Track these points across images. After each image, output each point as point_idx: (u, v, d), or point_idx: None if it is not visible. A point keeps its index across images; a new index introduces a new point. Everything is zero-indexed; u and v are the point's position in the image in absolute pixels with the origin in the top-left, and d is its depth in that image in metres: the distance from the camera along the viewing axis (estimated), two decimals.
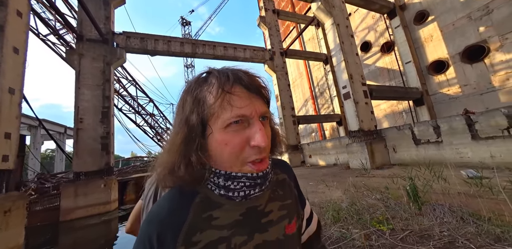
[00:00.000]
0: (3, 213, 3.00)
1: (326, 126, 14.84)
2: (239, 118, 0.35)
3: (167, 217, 0.35)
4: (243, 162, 0.36)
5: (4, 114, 3.41)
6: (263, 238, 0.38)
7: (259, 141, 0.34)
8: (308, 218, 0.51)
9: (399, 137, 5.99)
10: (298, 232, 0.44)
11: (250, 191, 0.38)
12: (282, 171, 0.48)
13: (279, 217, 0.41)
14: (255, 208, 0.39)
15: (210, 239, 0.35)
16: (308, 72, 16.16)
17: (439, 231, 1.84)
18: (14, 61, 3.76)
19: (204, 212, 0.36)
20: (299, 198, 0.50)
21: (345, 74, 6.67)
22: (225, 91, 0.35)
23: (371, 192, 3.23)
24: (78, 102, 7.75)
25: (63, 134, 21.94)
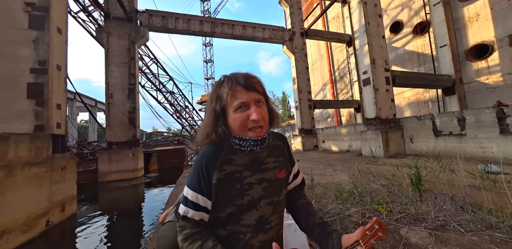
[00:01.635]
0: (60, 169, 3.72)
1: (343, 112, 14.45)
2: (241, 104, 0.59)
3: (210, 155, 0.62)
4: (247, 130, 0.61)
5: (55, 88, 3.96)
6: (261, 176, 0.64)
7: (254, 116, 0.59)
8: (295, 174, 0.77)
9: (418, 127, 5.80)
10: (286, 179, 0.70)
11: (253, 148, 0.63)
12: (279, 140, 0.74)
13: (273, 167, 0.66)
14: (258, 158, 0.65)
15: (231, 170, 0.61)
16: (329, 55, 15.21)
17: (434, 216, 1.93)
18: (58, 41, 4.16)
19: (229, 155, 0.63)
20: (290, 159, 0.75)
21: (367, 59, 6.29)
22: (231, 90, 0.60)
23: (377, 178, 3.33)
24: (108, 78, 8.39)
25: (94, 107, 24.02)
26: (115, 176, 7.48)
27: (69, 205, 3.86)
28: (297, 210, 0.74)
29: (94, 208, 5.09)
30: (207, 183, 0.59)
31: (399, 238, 1.65)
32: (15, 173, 2.79)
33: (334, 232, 0.61)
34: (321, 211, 2.25)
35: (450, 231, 1.69)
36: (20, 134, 2.98)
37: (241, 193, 0.60)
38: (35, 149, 3.17)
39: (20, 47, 3.75)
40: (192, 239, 0.57)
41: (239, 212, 0.60)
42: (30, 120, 3.63)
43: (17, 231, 2.74)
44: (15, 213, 2.74)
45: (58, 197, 3.56)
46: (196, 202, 0.59)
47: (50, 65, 3.86)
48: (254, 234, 0.60)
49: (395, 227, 1.83)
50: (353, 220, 1.98)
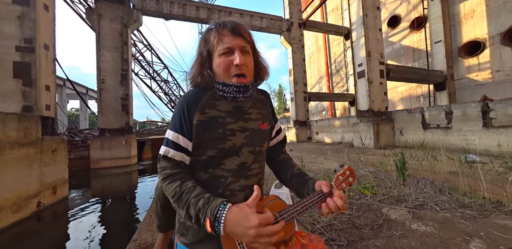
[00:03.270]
0: (51, 151, 3.67)
1: (338, 106, 14.63)
2: (227, 49, 0.60)
3: (192, 96, 0.63)
4: (230, 76, 0.62)
5: (43, 68, 3.80)
6: (244, 125, 0.65)
7: (237, 60, 0.59)
8: (277, 130, 0.79)
9: (408, 120, 6.00)
10: (268, 131, 0.72)
11: (236, 95, 0.64)
12: (262, 94, 0.75)
13: (256, 118, 0.68)
14: (241, 107, 0.66)
15: (214, 114, 0.62)
16: (327, 47, 15.12)
17: (414, 198, 2.08)
18: (45, 18, 3.93)
19: (212, 100, 0.63)
20: (273, 115, 0.77)
21: (363, 51, 6.33)
22: (218, 33, 0.61)
23: (365, 165, 3.48)
24: (100, 63, 8.09)
25: (85, 94, 23.27)
26: (108, 163, 7.43)
27: (61, 188, 3.85)
28: (278, 164, 0.78)
29: (86, 193, 5.08)
30: (188, 124, 0.60)
31: (380, 215, 1.78)
32: (4, 152, 2.75)
33: (310, 180, 0.66)
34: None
35: (427, 209, 1.84)
36: (8, 113, 2.90)
37: (223, 137, 0.60)
38: (24, 130, 3.10)
39: (4, 22, 3.54)
40: (172, 179, 0.57)
41: (221, 156, 0.60)
42: (17, 101, 3.51)
43: (8, 210, 2.74)
44: (5, 192, 2.72)
45: (49, 179, 3.54)
46: (177, 142, 0.59)
47: (37, 44, 3.69)
48: (236, 179, 0.61)
49: (378, 206, 1.97)
50: None
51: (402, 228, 1.49)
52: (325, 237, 1.42)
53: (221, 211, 0.48)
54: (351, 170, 0.61)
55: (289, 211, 0.55)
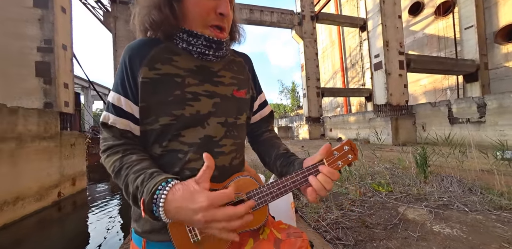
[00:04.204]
0: (70, 145, 3.90)
1: (353, 102, 13.97)
2: None
3: (136, 47, 0.47)
4: (206, 25, 0.47)
5: (61, 67, 4.04)
6: (213, 89, 0.50)
7: (224, 10, 0.45)
8: (261, 103, 0.64)
9: (431, 114, 5.49)
10: (247, 101, 0.58)
11: (205, 51, 0.49)
12: (240, 56, 0.61)
13: (229, 83, 0.53)
14: (209, 68, 0.51)
15: (169, 71, 0.47)
16: (341, 41, 14.44)
17: (437, 197, 1.85)
18: (63, 20, 4.18)
19: (166, 54, 0.48)
20: (255, 84, 0.63)
21: (380, 41, 5.88)
22: None
23: (381, 162, 3.22)
24: (117, 64, 8.50)
25: (107, 95, 24.85)
26: None
27: (80, 180, 4.07)
28: (261, 144, 0.63)
29: (106, 186, 5.37)
30: (131, 83, 0.46)
31: (396, 214, 1.58)
32: (26, 145, 2.94)
33: (297, 160, 0.52)
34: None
35: (453, 210, 1.61)
36: (29, 109, 3.09)
37: (181, 102, 0.47)
38: (44, 124, 3.30)
39: (27, 25, 3.80)
40: (112, 151, 0.45)
41: (178, 125, 0.47)
42: (39, 98, 3.76)
43: (31, 198, 2.94)
44: (28, 182, 2.92)
45: (68, 171, 3.76)
46: (118, 105, 0.46)
47: (56, 44, 3.91)
48: (198, 156, 0.46)
49: (393, 205, 1.77)
50: (350, 197, 1.94)
51: (421, 230, 1.31)
52: (330, 235, 1.29)
53: (161, 190, 0.36)
54: (352, 145, 0.46)
55: (261, 193, 0.42)
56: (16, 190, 2.72)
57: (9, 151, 2.67)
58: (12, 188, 2.67)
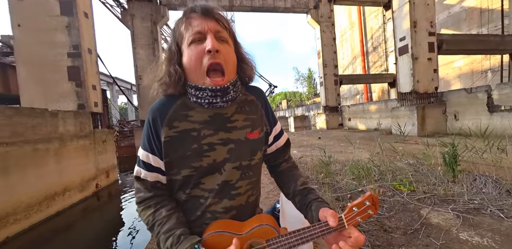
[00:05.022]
0: (102, 142, 4.30)
1: (375, 88, 13.06)
2: (197, 35, 0.48)
3: (157, 108, 0.54)
4: (204, 72, 0.49)
5: (89, 70, 4.35)
6: (227, 136, 0.54)
7: (209, 45, 0.47)
8: (276, 135, 0.65)
9: (466, 102, 4.91)
10: (260, 140, 0.59)
11: (213, 100, 0.52)
12: (252, 94, 0.62)
13: (242, 126, 0.56)
14: (222, 114, 0.55)
15: (186, 127, 0.52)
16: (362, 22, 13.20)
17: (467, 199, 1.69)
18: (87, 25, 4.41)
19: (182, 111, 0.53)
20: (268, 118, 0.63)
21: (407, 21, 5.25)
22: (186, 17, 0.51)
23: (404, 156, 3.02)
24: (136, 61, 8.86)
25: (130, 90, 26.26)
26: None
27: (112, 172, 4.53)
28: (279, 175, 0.67)
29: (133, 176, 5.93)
30: (156, 142, 0.52)
31: (418, 217, 1.51)
32: (67, 144, 3.32)
33: (314, 203, 0.53)
34: (332, 187, 2.16)
35: (485, 215, 1.48)
36: (66, 111, 3.43)
37: (199, 154, 0.52)
38: (79, 124, 3.66)
39: (57, 33, 4.08)
40: (145, 205, 0.52)
41: (198, 175, 0.52)
42: (73, 100, 4.13)
43: (75, 190, 3.38)
44: (72, 176, 3.34)
45: (102, 165, 4.19)
46: (147, 162, 0.53)
47: (82, 49, 4.18)
48: (217, 199, 0.53)
49: (415, 207, 1.67)
50: None
51: (446, 237, 1.23)
52: None
53: None
54: (374, 199, 0.46)
55: (279, 242, 0.45)
56: (63, 183, 3.13)
57: (54, 150, 3.04)
58: (60, 182, 3.08)
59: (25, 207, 2.49)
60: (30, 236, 2.44)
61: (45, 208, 2.75)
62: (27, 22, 3.98)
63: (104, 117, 4.57)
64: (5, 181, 2.31)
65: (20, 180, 2.48)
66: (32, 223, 2.56)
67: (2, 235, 2.20)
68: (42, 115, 2.93)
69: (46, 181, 2.84)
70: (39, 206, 2.67)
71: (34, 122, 2.78)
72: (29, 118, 2.71)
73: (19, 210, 2.41)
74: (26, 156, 2.59)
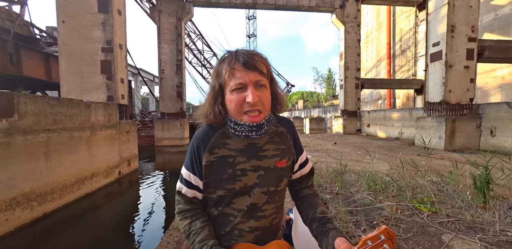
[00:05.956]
0: (126, 132, 4.63)
1: (399, 94, 12.34)
2: (239, 85, 0.55)
3: (201, 137, 0.62)
4: (242, 113, 0.58)
5: (119, 64, 4.67)
6: (258, 163, 0.61)
7: (250, 99, 0.54)
8: (302, 163, 0.72)
9: (507, 117, 4.46)
10: (287, 168, 0.66)
11: (248, 133, 0.60)
12: (283, 126, 0.69)
13: (272, 155, 0.63)
14: (255, 144, 0.62)
15: (224, 154, 0.60)
16: (391, 23, 12.37)
17: (499, 229, 1.50)
18: (119, 22, 4.71)
19: (222, 139, 0.61)
20: (296, 148, 0.70)
21: (443, 25, 4.83)
22: (230, 67, 0.56)
23: (427, 173, 2.81)
24: (160, 55, 9.25)
25: (152, 81, 27.52)
26: (167, 142, 8.92)
27: (133, 161, 4.88)
28: (300, 201, 0.72)
29: (152, 166, 6.32)
30: (198, 164, 0.61)
31: (438, 243, 1.39)
32: (97, 132, 3.64)
33: (331, 231, 0.57)
34: (347, 199, 2.09)
35: None
36: (97, 103, 3.75)
37: (233, 178, 0.59)
38: (108, 115, 3.98)
39: (94, 29, 4.43)
40: (183, 216, 0.60)
41: (231, 196, 0.60)
42: (104, 92, 4.49)
43: (101, 175, 3.71)
44: (99, 162, 3.67)
45: (125, 154, 4.53)
46: (189, 180, 0.61)
47: (114, 45, 4.48)
48: (245, 219, 0.60)
49: (437, 231, 1.54)
50: (384, 214, 1.77)
51: None
52: None
53: None
54: (390, 233, 0.45)
55: None
56: (92, 168, 3.46)
57: (86, 138, 3.36)
58: (89, 167, 3.41)
59: (61, 187, 2.80)
60: (63, 213, 2.74)
61: (76, 190, 3.07)
62: (70, 18, 4.36)
63: (128, 108, 4.92)
64: (46, 164, 2.62)
65: (58, 163, 2.79)
66: (66, 202, 2.88)
67: (41, 211, 2.49)
68: (78, 105, 3.25)
69: (79, 165, 3.16)
70: (71, 188, 2.99)
71: (71, 112, 3.09)
72: (67, 108, 3.02)
73: (56, 190, 2.72)
74: (63, 142, 2.90)
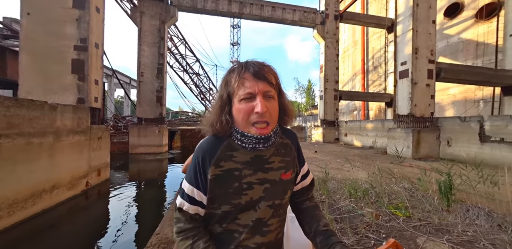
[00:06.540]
0: (97, 138, 4.20)
1: (372, 106, 13.43)
2: (248, 95, 0.54)
3: (207, 149, 0.59)
4: (250, 124, 0.56)
5: (93, 64, 4.31)
6: (264, 176, 0.59)
7: (258, 108, 0.53)
8: (303, 175, 0.71)
9: (459, 130, 5.12)
10: (291, 180, 0.65)
11: (255, 145, 0.58)
12: (287, 137, 0.67)
13: (278, 167, 0.61)
14: (261, 156, 0.60)
15: (230, 167, 0.57)
16: (365, 41, 13.72)
17: (461, 230, 1.73)
18: (97, 19, 4.41)
19: (228, 151, 0.59)
20: (299, 159, 0.69)
21: (409, 48, 5.51)
22: (240, 77, 0.55)
23: (399, 180, 3.10)
24: (140, 57, 8.81)
25: (128, 84, 25.91)
26: (143, 150, 8.28)
27: (104, 171, 4.41)
28: (302, 213, 0.70)
29: (125, 175, 5.77)
30: (203, 178, 0.57)
31: (414, 246, 1.53)
32: (62, 139, 3.23)
33: (338, 245, 0.55)
34: (331, 207, 2.20)
35: None
36: (65, 105, 3.36)
37: (239, 192, 0.57)
38: (77, 119, 3.58)
39: (66, 25, 4.07)
40: (184, 236, 0.56)
41: (236, 211, 0.57)
42: (74, 93, 4.06)
43: (64, 187, 3.26)
44: (62, 172, 3.23)
45: (95, 162, 4.08)
46: (192, 195, 0.58)
47: (90, 43, 4.16)
48: (250, 235, 0.57)
49: (412, 234, 1.71)
50: (365, 220, 1.90)
51: None
52: None
53: None
54: (398, 247, 0.47)
55: None
56: (53, 180, 3.02)
57: (48, 145, 2.96)
58: (50, 178, 2.98)
59: (10, 203, 2.38)
60: (10, 235, 2.32)
61: (31, 205, 2.64)
62: (38, 11, 3.96)
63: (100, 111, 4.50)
64: None
65: (8, 174, 2.39)
66: (15, 221, 2.44)
67: None
68: (41, 107, 2.87)
69: (36, 176, 2.74)
70: (25, 203, 2.56)
71: (32, 115, 2.71)
72: (27, 110, 2.65)
73: (3, 207, 2.31)
74: (18, 149, 2.51)
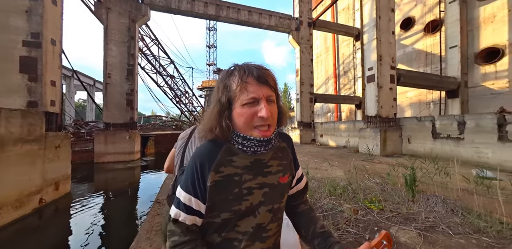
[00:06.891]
0: (54, 148, 3.66)
1: (344, 108, 14.40)
2: (252, 100, 0.53)
3: (206, 154, 0.56)
4: (252, 128, 0.54)
5: (49, 63, 3.77)
6: (263, 180, 0.58)
7: (263, 113, 0.52)
8: (298, 178, 0.71)
9: (417, 129, 5.80)
10: (288, 183, 0.64)
11: (257, 149, 0.57)
12: (283, 141, 0.67)
13: (276, 170, 0.60)
14: (261, 160, 0.58)
15: (230, 172, 0.55)
16: (335, 48, 14.79)
17: (424, 217, 1.96)
18: (53, 13, 3.89)
19: (228, 156, 0.56)
20: (294, 162, 0.68)
21: (374, 55, 6.11)
22: (242, 81, 0.53)
23: (372, 176, 3.35)
24: (106, 57, 8.07)
25: (92, 86, 23.50)
26: (112, 158, 7.46)
27: (63, 184, 3.85)
28: (297, 217, 0.70)
29: (89, 187, 5.12)
30: (202, 185, 0.54)
31: None
32: (7, 149, 2.73)
33: (336, 245, 0.56)
34: (314, 206, 2.27)
35: (438, 232, 1.72)
36: (12, 109, 2.87)
37: (239, 198, 0.54)
38: (28, 126, 3.07)
39: (11, 16, 3.50)
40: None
41: (236, 218, 0.55)
42: (22, 96, 3.49)
43: (9, 207, 2.74)
44: (7, 189, 2.72)
45: (51, 175, 3.54)
46: (189, 205, 0.54)
47: (44, 39, 3.64)
48: (250, 242, 0.55)
49: (386, 225, 1.86)
50: (345, 216, 2.02)
51: None
52: None
53: None
54: (389, 238, 0.50)
55: None
56: None
57: None
58: None
59: None
60: None
61: None
62: None
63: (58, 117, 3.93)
64: None
65: None
66: None
67: None
68: None
69: None
70: None
71: None
72: None
73: None
74: None
